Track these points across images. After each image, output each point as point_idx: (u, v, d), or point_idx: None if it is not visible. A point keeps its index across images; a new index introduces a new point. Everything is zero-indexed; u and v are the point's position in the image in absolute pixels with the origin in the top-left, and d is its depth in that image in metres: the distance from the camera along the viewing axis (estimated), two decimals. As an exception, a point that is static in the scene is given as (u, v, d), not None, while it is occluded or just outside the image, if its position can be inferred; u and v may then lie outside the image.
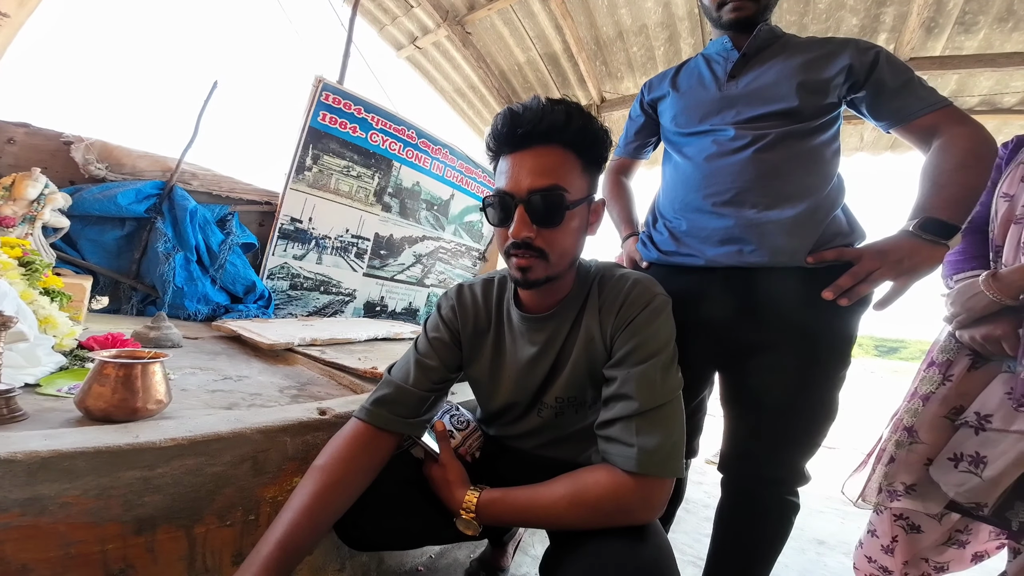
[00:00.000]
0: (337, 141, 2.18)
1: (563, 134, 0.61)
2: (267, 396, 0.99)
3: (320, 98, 2.10)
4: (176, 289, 1.80)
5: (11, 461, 0.52)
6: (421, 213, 2.62)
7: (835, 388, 0.76)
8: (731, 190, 0.76)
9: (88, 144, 1.84)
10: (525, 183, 0.61)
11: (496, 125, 0.64)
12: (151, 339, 1.25)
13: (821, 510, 1.80)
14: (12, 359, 0.80)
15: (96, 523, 0.57)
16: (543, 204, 0.61)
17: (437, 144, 2.62)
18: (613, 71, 2.95)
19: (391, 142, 2.39)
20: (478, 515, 0.63)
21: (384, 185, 2.40)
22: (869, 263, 0.70)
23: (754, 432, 0.80)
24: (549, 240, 0.62)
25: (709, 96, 0.84)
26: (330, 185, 2.20)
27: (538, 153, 0.62)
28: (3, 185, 1.56)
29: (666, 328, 0.65)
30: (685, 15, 2.42)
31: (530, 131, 0.61)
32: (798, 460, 0.79)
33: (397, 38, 3.15)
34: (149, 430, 0.66)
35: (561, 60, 2.98)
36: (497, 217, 0.65)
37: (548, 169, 0.61)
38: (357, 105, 2.24)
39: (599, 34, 2.71)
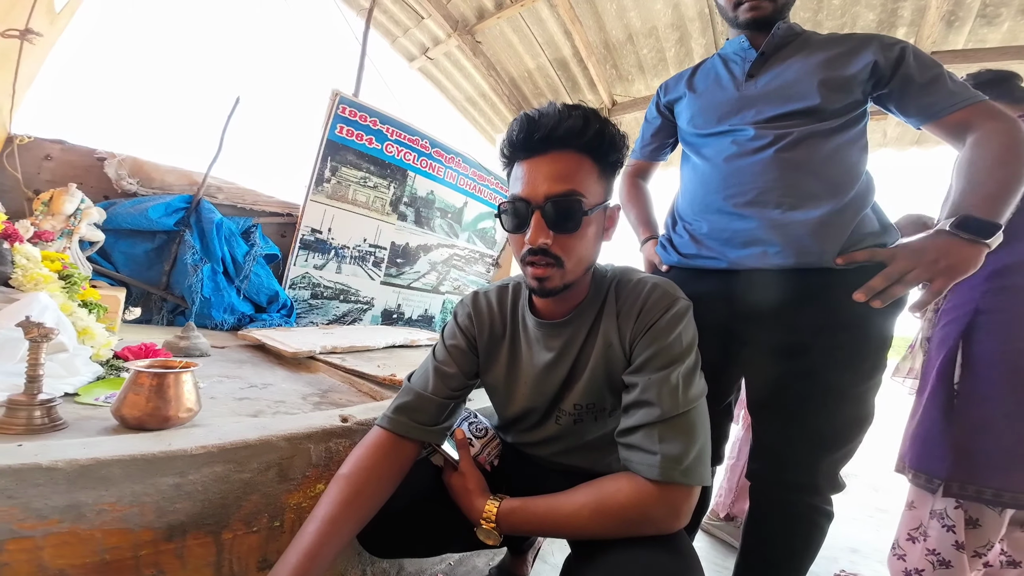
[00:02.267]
0: (354, 153, 2.23)
1: (579, 139, 0.60)
2: (291, 403, 1.01)
3: (337, 111, 2.15)
4: (204, 299, 1.85)
5: (53, 469, 0.54)
6: (435, 221, 2.64)
7: (870, 393, 0.73)
8: (753, 190, 0.74)
9: (120, 160, 1.92)
10: (542, 189, 0.60)
11: (512, 131, 0.63)
12: (181, 348, 1.29)
13: (855, 517, 1.72)
14: (52, 369, 0.84)
15: (130, 529, 0.59)
16: (560, 210, 0.60)
17: (450, 153, 2.64)
18: (624, 74, 2.92)
19: (406, 152, 2.43)
20: (499, 525, 0.62)
21: (400, 195, 2.44)
22: (903, 264, 0.66)
23: (784, 438, 0.78)
24: (566, 246, 0.61)
25: (727, 96, 0.82)
26: (348, 196, 2.25)
27: (554, 159, 0.61)
28: (42, 200, 1.63)
29: (688, 333, 0.63)
30: (696, 16, 2.39)
31: (546, 136, 0.60)
32: (831, 467, 0.76)
33: (409, 49, 3.20)
34: (181, 438, 0.68)
35: (571, 65, 2.97)
36: (513, 223, 0.64)
37: (565, 175, 0.60)
38: (372, 117, 2.28)
39: (608, 38, 2.70)
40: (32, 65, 1.58)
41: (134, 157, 1.95)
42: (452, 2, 2.77)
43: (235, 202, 2.15)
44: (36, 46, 1.46)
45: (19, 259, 0.98)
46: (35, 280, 1.03)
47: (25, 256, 1.00)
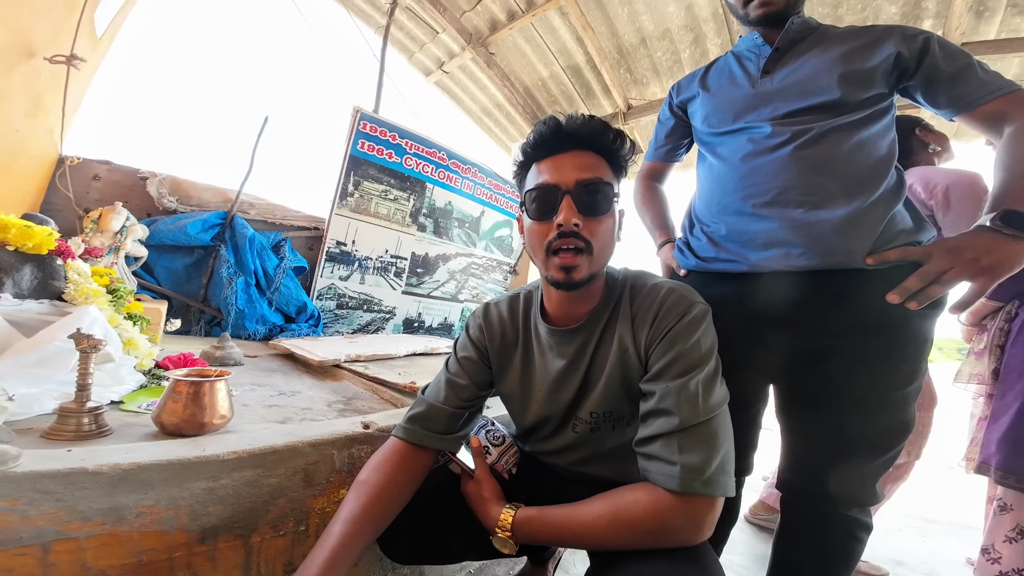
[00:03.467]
0: (375, 167, 2.29)
1: (599, 141, 0.64)
2: (317, 410, 1.03)
3: (358, 127, 2.22)
4: (238, 311, 1.92)
5: (98, 473, 0.57)
6: (453, 231, 2.68)
7: (908, 398, 0.69)
8: (772, 190, 0.72)
9: (161, 179, 2.02)
10: (572, 176, 0.63)
11: (539, 130, 0.66)
12: (217, 358, 1.34)
13: (899, 528, 1.60)
14: (100, 378, 0.88)
15: (166, 531, 0.61)
16: (590, 193, 0.62)
17: (467, 164, 2.68)
18: (638, 77, 2.89)
19: (424, 165, 2.47)
20: (514, 533, 0.61)
21: (419, 206, 2.49)
22: (940, 263, 0.62)
23: (817, 447, 0.74)
24: (595, 230, 0.63)
25: (742, 93, 0.80)
26: (370, 209, 2.30)
27: (578, 155, 0.64)
28: (91, 218, 1.72)
29: (707, 339, 0.61)
30: (710, 16, 2.35)
31: (572, 134, 0.64)
32: (869, 476, 0.72)
33: (425, 64, 3.27)
34: (214, 443, 0.70)
35: (584, 71, 2.97)
36: (540, 210, 0.64)
37: (591, 166, 0.63)
38: (392, 132, 2.34)
39: (621, 42, 2.68)
40: (78, 89, 1.68)
41: (173, 176, 2.06)
42: (465, 16, 2.83)
43: (266, 217, 2.24)
44: (81, 71, 1.55)
45: (71, 275, 1.04)
46: (85, 294, 1.10)
47: (77, 272, 1.06)
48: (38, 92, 1.44)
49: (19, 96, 1.33)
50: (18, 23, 1.15)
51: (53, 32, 1.34)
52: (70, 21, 1.38)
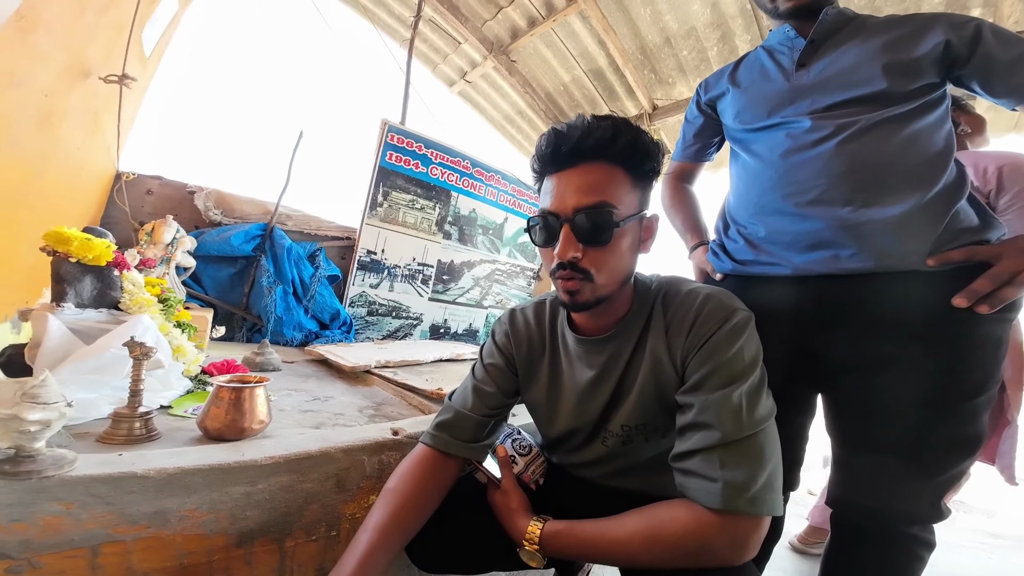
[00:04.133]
0: (403, 177, 2.33)
1: (610, 150, 0.58)
2: (348, 416, 1.04)
3: (387, 139, 2.27)
4: (277, 318, 2.00)
5: (145, 477, 0.59)
6: (478, 238, 2.69)
7: (978, 409, 0.62)
8: (816, 187, 0.66)
9: (207, 193, 2.13)
10: (571, 201, 0.58)
11: (540, 145, 0.62)
12: (257, 364, 1.38)
13: (962, 544, 1.47)
14: (150, 384, 0.92)
15: (206, 535, 0.62)
16: (590, 222, 0.57)
17: (490, 171, 2.69)
18: (663, 77, 2.81)
19: (449, 174, 2.50)
20: (542, 547, 0.59)
21: (444, 215, 2.51)
22: (1012, 263, 0.57)
23: (873, 461, 0.68)
24: (596, 260, 0.58)
25: (776, 88, 0.75)
26: (398, 218, 2.35)
27: (584, 171, 0.58)
28: (145, 231, 1.82)
29: (750, 347, 0.57)
30: (737, 12, 2.26)
31: (575, 148, 0.58)
32: (934, 493, 0.65)
33: (449, 75, 3.33)
34: (253, 448, 0.72)
35: (607, 74, 2.92)
36: (542, 238, 0.62)
37: (595, 186, 0.58)
38: (418, 142, 2.38)
39: (644, 43, 2.62)
40: (131, 107, 1.78)
41: (218, 190, 2.17)
42: (487, 25, 2.85)
43: (302, 228, 2.32)
44: (132, 90, 1.63)
45: (127, 285, 1.10)
46: (139, 304, 1.16)
47: (131, 282, 1.11)
48: (96, 111, 1.53)
49: (79, 115, 1.42)
50: (74, 45, 1.23)
51: (106, 53, 1.42)
52: (120, 41, 1.46)
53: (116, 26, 1.41)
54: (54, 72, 1.17)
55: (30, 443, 0.52)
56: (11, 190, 1.14)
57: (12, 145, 1.09)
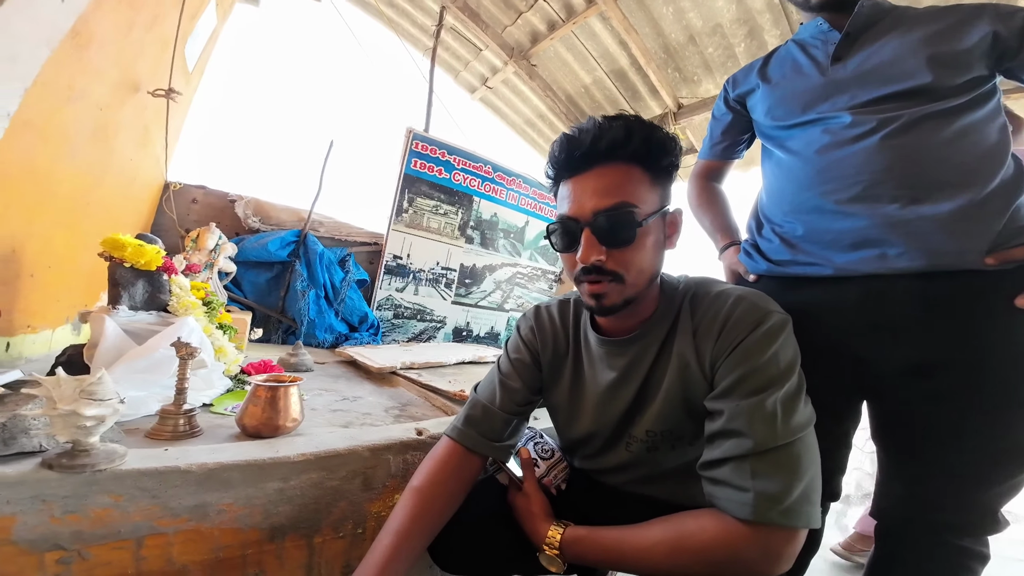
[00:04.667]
0: (427, 184, 2.38)
1: (624, 149, 0.56)
2: (375, 416, 1.06)
3: (411, 147, 2.31)
4: (310, 321, 2.07)
5: (188, 472, 0.62)
6: (499, 242, 2.70)
7: None
8: (859, 184, 0.63)
9: (246, 201, 2.23)
10: (589, 205, 0.56)
11: (553, 152, 0.60)
12: (291, 364, 1.43)
13: (1018, 557, 1.37)
14: (194, 383, 0.96)
15: (241, 529, 0.64)
16: (611, 224, 0.56)
17: (511, 175, 2.70)
18: (688, 76, 2.72)
19: (471, 179, 2.53)
20: (562, 552, 0.58)
21: (467, 219, 2.54)
22: None
23: (925, 470, 0.64)
24: (623, 261, 0.56)
25: (811, 83, 0.72)
26: (423, 224, 2.39)
27: (600, 173, 0.57)
28: (191, 238, 1.92)
29: (786, 352, 0.54)
30: (764, 7, 2.16)
31: (588, 152, 0.57)
32: (990, 503, 0.61)
33: (470, 82, 3.36)
34: (286, 446, 0.74)
35: (629, 74, 2.86)
36: (563, 243, 0.60)
37: (613, 187, 0.56)
38: (441, 149, 2.42)
39: (667, 42, 2.55)
40: (177, 120, 1.89)
41: (256, 198, 2.27)
42: (507, 31, 2.86)
43: (333, 234, 2.40)
44: (178, 103, 1.71)
45: (175, 288, 1.16)
46: (186, 306, 1.22)
47: (179, 286, 1.17)
48: (146, 124, 1.62)
49: (131, 128, 1.51)
50: (124, 60, 1.30)
51: (153, 68, 1.50)
52: (165, 57, 1.54)
53: (161, 42, 1.49)
54: (108, 87, 1.25)
55: (86, 438, 0.56)
56: (74, 199, 1.23)
57: (73, 157, 1.16)
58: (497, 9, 2.77)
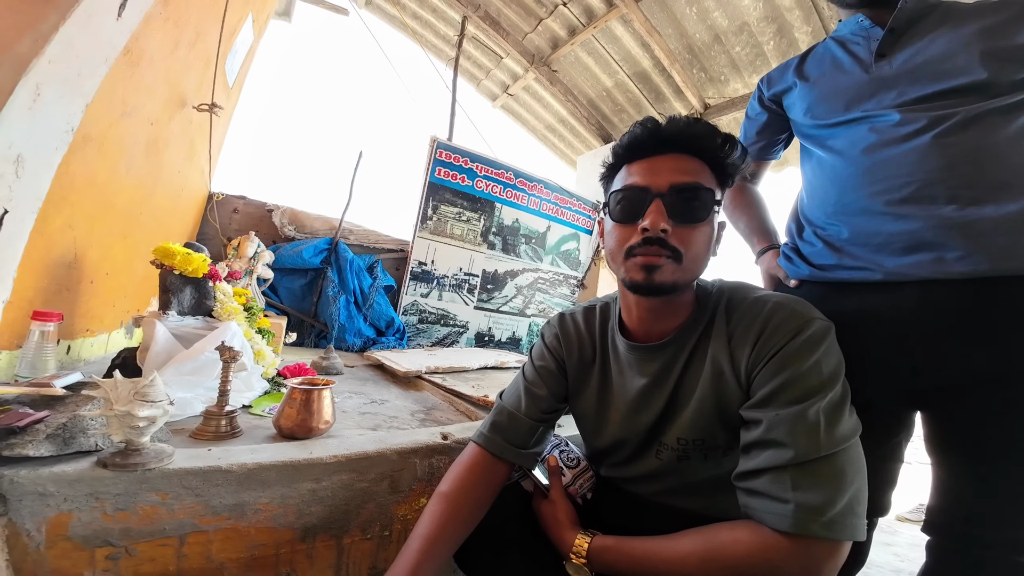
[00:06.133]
0: (450, 191, 2.40)
1: (703, 145, 0.57)
2: (401, 419, 1.07)
3: (435, 155, 2.35)
4: (340, 325, 2.12)
5: (229, 471, 0.63)
6: (520, 247, 2.69)
7: None
8: (911, 184, 0.59)
9: (282, 211, 2.32)
10: (665, 178, 0.55)
11: (634, 133, 0.59)
12: (323, 367, 1.47)
13: None
14: (235, 385, 1.00)
15: (276, 528, 0.66)
16: (686, 199, 0.55)
17: (532, 181, 2.69)
18: (715, 75, 2.64)
19: (492, 186, 2.54)
20: (589, 562, 0.56)
21: (488, 226, 2.55)
22: None
23: (991, 485, 0.59)
24: (687, 239, 0.55)
25: (853, 80, 0.68)
26: (446, 231, 2.42)
27: (677, 157, 0.57)
28: (232, 246, 2.01)
29: (830, 360, 0.51)
30: (793, 4, 2.07)
31: (672, 137, 0.57)
32: None
33: (492, 90, 3.38)
34: (319, 447, 0.75)
35: (652, 76, 2.80)
36: (624, 213, 0.58)
37: (691, 170, 0.56)
38: (464, 157, 2.44)
39: (692, 42, 2.49)
40: (219, 134, 1.97)
41: (292, 208, 2.35)
42: (528, 38, 2.87)
43: (362, 242, 2.45)
44: (220, 117, 1.78)
45: (218, 295, 1.20)
46: (229, 312, 1.26)
47: (222, 292, 1.22)
48: (191, 137, 1.70)
49: (178, 142, 1.58)
50: (172, 77, 1.37)
51: (197, 84, 1.58)
52: (208, 73, 1.61)
53: (204, 59, 1.56)
54: (157, 102, 1.31)
55: (138, 438, 0.58)
56: (129, 210, 1.31)
57: (129, 170, 1.23)
58: (517, 17, 2.78)
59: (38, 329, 0.86)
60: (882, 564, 1.32)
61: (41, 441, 0.55)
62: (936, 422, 0.64)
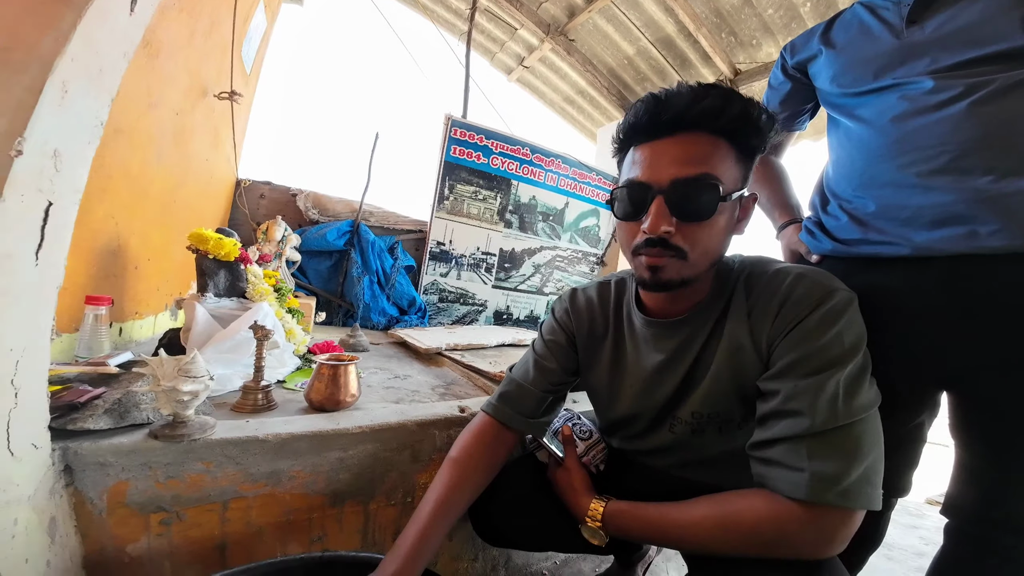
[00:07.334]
0: (466, 170, 2.37)
1: (717, 121, 0.50)
2: (422, 393, 1.11)
3: (450, 134, 2.30)
4: (365, 305, 2.18)
5: (265, 441, 0.68)
6: (538, 225, 2.65)
7: None
8: (944, 154, 0.55)
9: (306, 195, 2.36)
10: (667, 172, 0.51)
11: (636, 113, 0.53)
12: (350, 345, 1.52)
13: None
14: (269, 361, 1.05)
15: (308, 494, 0.70)
16: (689, 195, 0.50)
17: (549, 156, 2.61)
18: (745, 39, 2.44)
19: (509, 163, 2.48)
20: (604, 525, 0.57)
21: (505, 204, 2.51)
22: None
23: (1010, 471, 0.57)
24: (691, 237, 0.51)
25: (883, 46, 0.63)
26: (463, 210, 2.40)
27: (683, 141, 0.51)
28: (261, 230, 2.07)
29: (851, 331, 0.49)
30: None
31: (676, 117, 0.50)
32: None
33: (506, 63, 3.24)
34: (345, 419, 0.79)
35: (677, 41, 2.61)
36: (626, 210, 0.55)
37: (697, 157, 0.50)
38: (479, 134, 2.38)
39: (719, 5, 2.29)
40: (241, 121, 1.99)
41: (314, 192, 2.39)
42: (542, 7, 2.71)
43: (382, 223, 2.48)
44: (240, 105, 1.79)
45: (250, 277, 1.25)
46: (260, 293, 1.32)
47: (253, 274, 1.26)
48: (215, 126, 1.72)
49: (203, 130, 1.61)
50: (191, 67, 1.37)
51: (216, 72, 1.58)
52: (225, 61, 1.60)
53: (220, 47, 1.56)
54: (180, 92, 1.33)
55: (184, 411, 0.62)
56: (163, 199, 1.36)
57: (159, 159, 1.27)
58: (532, -15, 2.63)
59: (91, 313, 0.92)
60: (905, 547, 1.28)
61: (100, 415, 0.60)
62: (962, 403, 0.61)
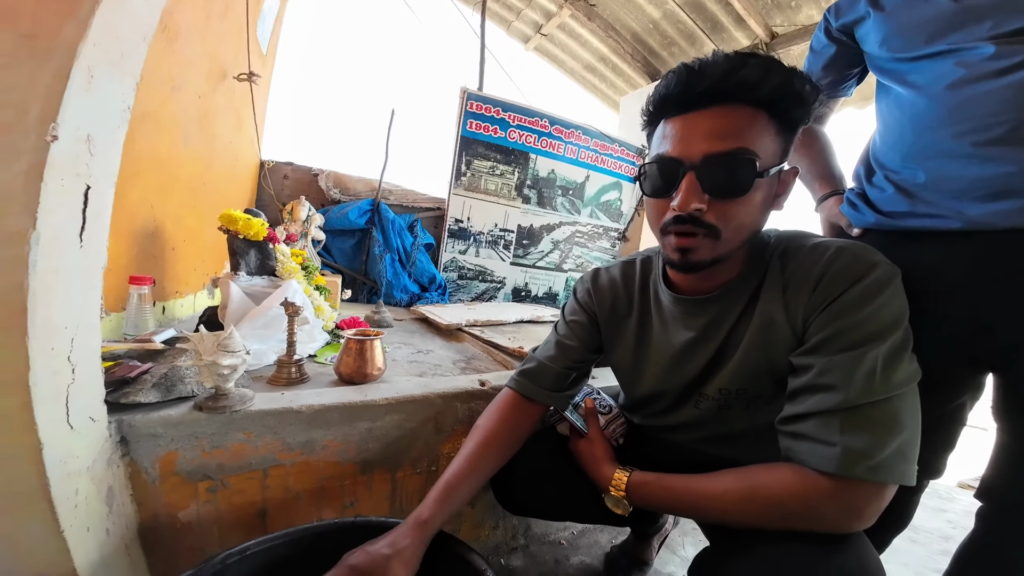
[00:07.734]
0: (483, 145, 2.31)
1: (755, 92, 0.47)
2: (444, 367, 1.13)
3: (466, 107, 2.24)
4: (387, 282, 2.22)
5: (299, 412, 0.71)
6: (557, 200, 2.58)
7: None
8: (1004, 124, 0.50)
9: (327, 174, 2.37)
10: (699, 147, 0.48)
11: (667, 84, 0.50)
12: (375, 321, 1.56)
13: None
14: (301, 337, 1.09)
15: (340, 462, 0.74)
16: (724, 171, 0.47)
17: (569, 127, 2.50)
18: (783, 1, 2.23)
19: (527, 136, 2.40)
20: (628, 495, 0.58)
21: (523, 179, 2.45)
22: None
23: None
24: (725, 214, 0.48)
25: (937, 10, 0.57)
26: (480, 186, 2.36)
27: (718, 114, 0.48)
28: (287, 210, 2.11)
29: (892, 306, 0.46)
30: None
31: (711, 88, 0.47)
32: None
33: (523, 31, 3.08)
34: (373, 391, 0.82)
35: (707, 3, 2.41)
36: (655, 186, 0.52)
37: (733, 131, 0.47)
38: (496, 107, 2.31)
39: None
40: (260, 102, 1.97)
41: (335, 171, 2.40)
42: None
43: (402, 202, 2.48)
44: (259, 86, 1.77)
45: (279, 256, 1.29)
46: (289, 271, 1.36)
47: (282, 253, 1.29)
48: (236, 107, 1.73)
49: (226, 113, 1.61)
50: (209, 49, 1.37)
51: (234, 54, 1.57)
52: (241, 42, 1.59)
53: (236, 28, 1.54)
54: (200, 75, 1.33)
55: (224, 384, 0.66)
56: (192, 181, 1.39)
57: (186, 143, 1.30)
58: (550, -56, 2.45)
59: (136, 292, 0.97)
60: (931, 530, 1.25)
61: (149, 389, 0.64)
62: (1007, 384, 0.58)
